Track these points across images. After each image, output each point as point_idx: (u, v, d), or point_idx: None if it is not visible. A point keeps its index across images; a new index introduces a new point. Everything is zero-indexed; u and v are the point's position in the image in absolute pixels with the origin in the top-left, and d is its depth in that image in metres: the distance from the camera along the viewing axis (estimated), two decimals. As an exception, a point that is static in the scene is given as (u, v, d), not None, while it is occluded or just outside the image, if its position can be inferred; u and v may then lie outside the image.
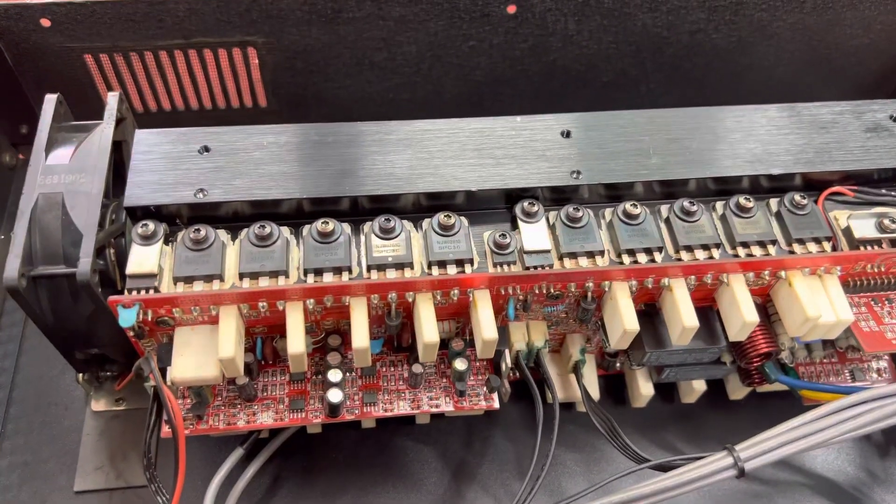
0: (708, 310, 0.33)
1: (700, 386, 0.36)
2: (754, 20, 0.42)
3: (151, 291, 0.29)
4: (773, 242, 0.32)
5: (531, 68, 0.43)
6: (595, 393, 0.35)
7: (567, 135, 0.34)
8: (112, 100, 0.33)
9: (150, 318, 0.29)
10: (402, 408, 0.32)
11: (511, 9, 0.40)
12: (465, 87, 0.44)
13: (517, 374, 0.35)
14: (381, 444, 0.36)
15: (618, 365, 0.37)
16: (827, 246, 0.32)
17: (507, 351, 0.32)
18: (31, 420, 0.36)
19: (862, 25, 0.44)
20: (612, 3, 0.40)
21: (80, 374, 0.35)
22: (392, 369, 0.33)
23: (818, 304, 0.31)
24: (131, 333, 0.30)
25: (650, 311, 0.33)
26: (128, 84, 0.41)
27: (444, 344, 0.33)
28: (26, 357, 0.38)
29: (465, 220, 0.32)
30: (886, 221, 0.33)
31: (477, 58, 0.42)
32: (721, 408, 0.38)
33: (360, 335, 0.29)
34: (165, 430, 0.30)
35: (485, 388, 0.33)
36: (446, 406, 0.32)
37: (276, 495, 0.34)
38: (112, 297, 0.28)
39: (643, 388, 0.35)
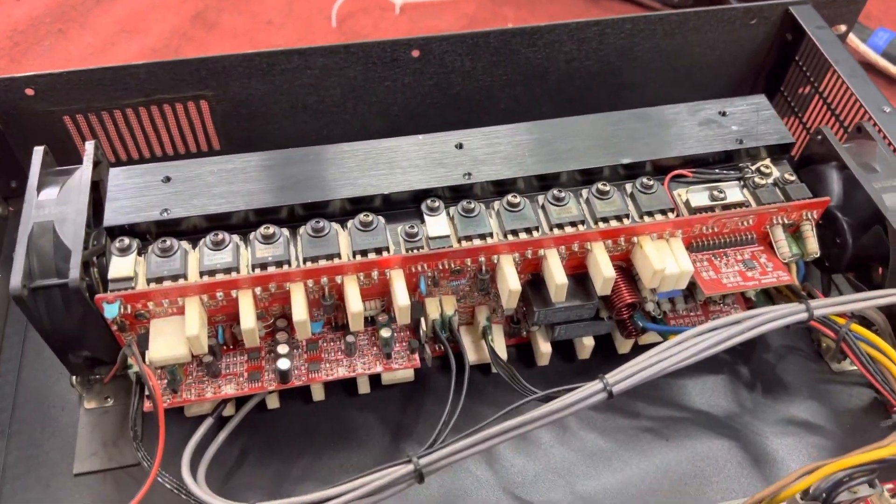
0: (583, 276, 0.41)
1: (589, 342, 0.44)
2: (617, 47, 0.51)
3: (129, 290, 0.36)
4: (627, 216, 0.40)
5: (439, 101, 0.52)
6: (503, 353, 0.42)
7: (460, 146, 0.42)
8: (89, 146, 0.41)
9: (129, 312, 0.36)
10: (340, 372, 0.39)
11: (415, 53, 0.49)
12: (386, 121, 0.52)
13: (439, 347, 0.42)
14: (331, 414, 0.43)
15: (524, 333, 0.44)
16: (671, 216, 0.41)
17: (422, 320, 0.40)
18: (34, 420, 0.42)
19: (707, 45, 0.53)
20: (497, 42, 0.49)
21: (74, 378, 0.42)
22: (331, 344, 0.40)
23: (664, 259, 0.39)
24: (115, 327, 0.37)
25: (536, 280, 0.40)
26: (101, 138, 0.49)
27: (374, 321, 0.40)
28: (26, 370, 0.44)
29: (381, 219, 0.40)
30: (716, 192, 0.41)
31: (392, 95, 0.51)
32: (612, 361, 0.44)
33: (299, 310, 0.36)
34: (147, 405, 0.37)
35: (408, 350, 0.40)
36: (377, 368, 0.39)
37: (243, 463, 0.41)
38: (98, 296, 0.35)
39: (542, 347, 0.43)
